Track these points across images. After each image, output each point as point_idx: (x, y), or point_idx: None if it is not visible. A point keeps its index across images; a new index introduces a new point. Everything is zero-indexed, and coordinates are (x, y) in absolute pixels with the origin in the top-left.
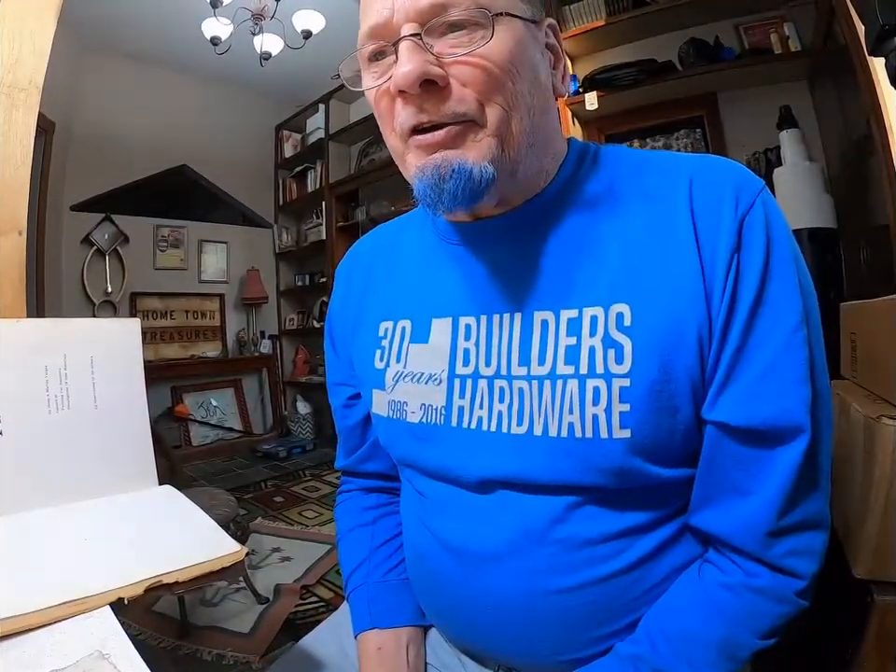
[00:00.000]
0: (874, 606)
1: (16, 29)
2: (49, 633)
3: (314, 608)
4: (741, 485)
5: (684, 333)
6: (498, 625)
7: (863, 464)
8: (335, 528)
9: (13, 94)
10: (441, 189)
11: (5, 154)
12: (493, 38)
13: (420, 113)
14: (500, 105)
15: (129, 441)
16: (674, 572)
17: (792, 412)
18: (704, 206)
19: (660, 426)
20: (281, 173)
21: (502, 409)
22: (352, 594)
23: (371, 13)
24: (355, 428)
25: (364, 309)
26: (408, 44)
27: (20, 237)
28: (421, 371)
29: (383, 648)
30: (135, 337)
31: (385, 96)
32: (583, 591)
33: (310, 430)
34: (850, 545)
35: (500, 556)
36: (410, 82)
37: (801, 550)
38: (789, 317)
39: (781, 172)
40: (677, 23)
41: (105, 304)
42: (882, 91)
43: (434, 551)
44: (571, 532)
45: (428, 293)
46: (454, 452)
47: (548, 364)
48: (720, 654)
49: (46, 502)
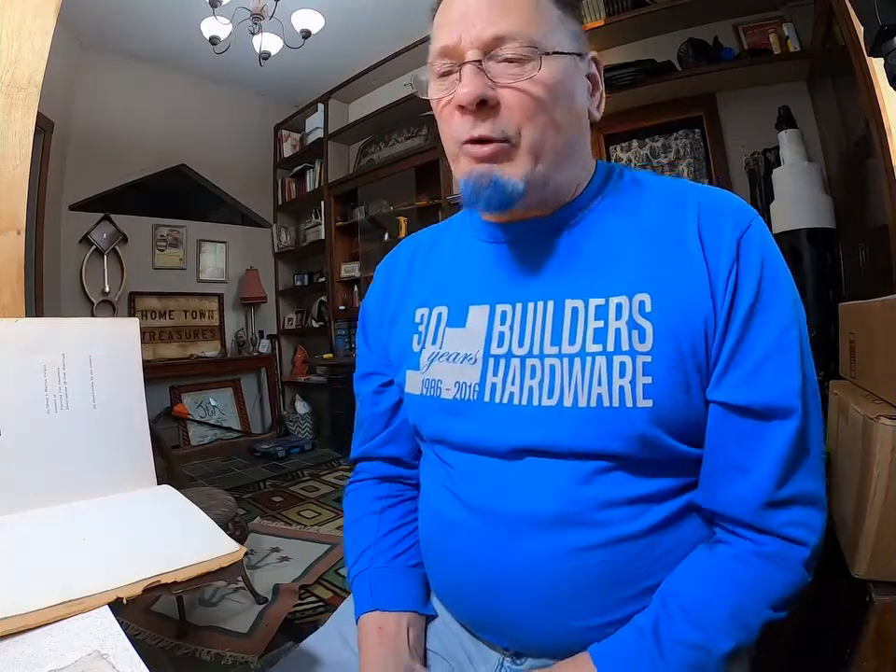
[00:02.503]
0: (872, 605)
1: (15, 28)
2: (47, 633)
3: (312, 607)
4: (741, 462)
5: (694, 322)
6: (519, 587)
7: (862, 464)
8: (343, 519)
9: (12, 93)
10: (479, 194)
11: (3, 153)
12: (539, 71)
13: (473, 128)
14: (535, 129)
15: (127, 441)
16: (685, 543)
17: (785, 394)
18: (709, 226)
19: (677, 399)
20: (280, 172)
21: (533, 384)
22: (355, 578)
23: (443, 36)
24: (382, 415)
25: (403, 300)
26: (471, 68)
27: (18, 236)
28: (457, 352)
29: (383, 628)
30: (134, 337)
31: (448, 106)
32: (603, 550)
33: (309, 430)
34: (849, 545)
35: (527, 516)
36: (468, 101)
37: (801, 522)
38: (781, 317)
39: (780, 172)
40: (676, 24)
41: (103, 304)
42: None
43: (460, 515)
44: (594, 494)
45: (466, 283)
46: (486, 425)
47: (578, 343)
48: (733, 622)
49: (44, 502)
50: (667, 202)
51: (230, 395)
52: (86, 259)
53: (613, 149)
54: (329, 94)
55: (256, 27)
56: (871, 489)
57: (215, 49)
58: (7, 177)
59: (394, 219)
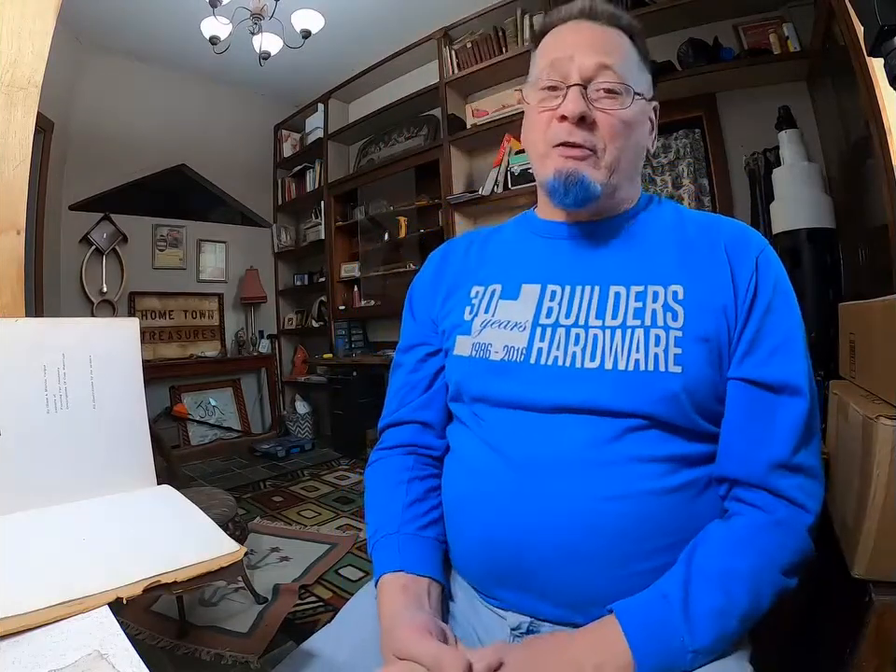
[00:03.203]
0: (872, 605)
1: (15, 28)
2: (47, 633)
3: (312, 607)
4: (756, 428)
5: (718, 312)
6: (548, 530)
7: (862, 464)
8: (365, 487)
9: (12, 93)
10: (566, 188)
11: (3, 153)
12: (629, 106)
13: (569, 135)
14: (616, 148)
15: (127, 441)
16: (706, 508)
17: (795, 375)
18: (733, 244)
19: (702, 370)
20: (280, 172)
21: (577, 350)
22: (381, 540)
23: (555, 51)
24: (422, 380)
25: (459, 279)
26: (577, 90)
27: (18, 236)
28: (508, 320)
29: (408, 586)
30: (134, 336)
31: (546, 113)
32: (630, 500)
33: (309, 430)
34: (849, 545)
35: (563, 464)
36: (574, 115)
37: (807, 488)
38: (792, 317)
39: (780, 172)
40: (676, 23)
41: (103, 304)
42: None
43: (495, 464)
44: (626, 449)
45: (521, 266)
46: (530, 383)
47: (620, 318)
48: (750, 587)
49: (44, 502)
50: (700, 222)
51: (230, 395)
52: (86, 259)
53: None
54: (329, 94)
55: (256, 27)
56: (871, 489)
57: (215, 49)
58: (6, 177)
59: (394, 219)
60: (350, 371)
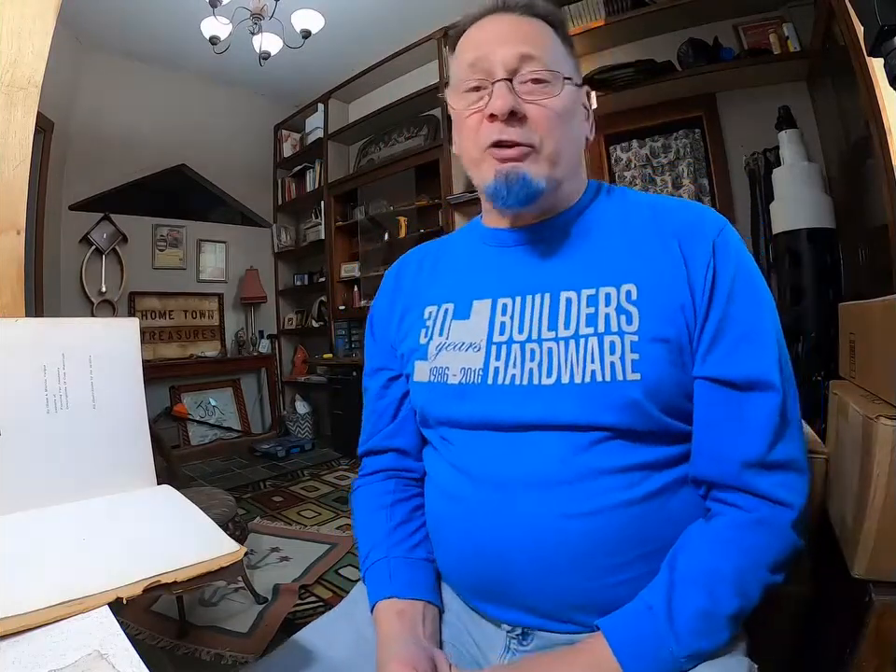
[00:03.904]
0: (872, 605)
1: (15, 28)
2: (47, 633)
3: (312, 607)
4: (726, 429)
5: (675, 309)
6: (519, 550)
7: (862, 464)
8: (351, 514)
9: (12, 93)
10: (510, 189)
11: (3, 153)
12: (561, 93)
13: (501, 133)
14: (554, 140)
15: (127, 441)
16: (686, 509)
17: (765, 368)
18: (686, 232)
19: (662, 373)
20: (280, 172)
21: (533, 366)
22: (372, 566)
23: (473, 51)
24: (388, 407)
25: (413, 300)
26: (503, 84)
27: (18, 236)
28: (462, 341)
29: (403, 611)
30: (134, 336)
31: (475, 115)
32: (601, 516)
33: (308, 430)
34: (849, 544)
35: (530, 483)
36: (502, 111)
37: (786, 484)
38: (758, 302)
39: (780, 172)
40: (676, 23)
41: (103, 304)
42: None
43: (465, 487)
44: (593, 462)
45: (471, 281)
46: (490, 404)
47: (572, 327)
48: (734, 586)
49: (44, 502)
50: (649, 211)
51: (230, 395)
52: (86, 259)
53: (613, 149)
54: (329, 94)
55: (256, 27)
56: (871, 489)
57: (215, 49)
58: (6, 177)
59: (394, 219)
60: (350, 371)
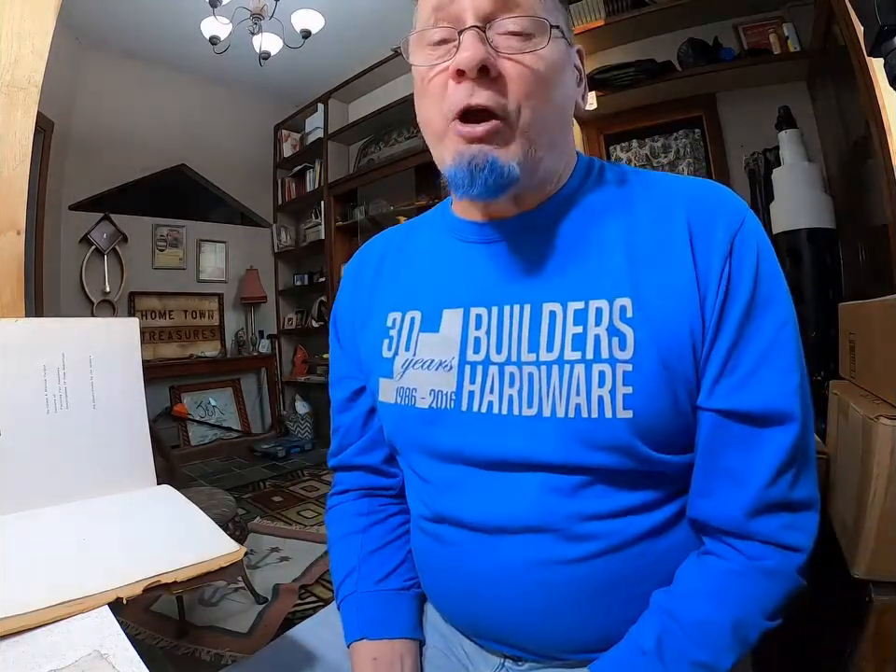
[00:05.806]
0: (872, 605)
1: (15, 28)
2: (47, 633)
3: (312, 607)
4: (736, 470)
5: (678, 328)
6: (501, 597)
7: (862, 464)
8: (326, 535)
9: (12, 93)
10: (475, 178)
11: (3, 153)
12: (546, 46)
13: (471, 96)
14: (532, 108)
15: (127, 441)
16: (675, 550)
17: (784, 398)
18: (700, 224)
19: (660, 409)
20: (280, 172)
21: (512, 393)
22: (342, 602)
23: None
24: (355, 421)
25: (373, 302)
26: (473, 33)
27: (18, 236)
28: (431, 359)
29: (378, 658)
30: (134, 336)
31: (440, 75)
32: (590, 562)
33: (308, 430)
34: (849, 545)
35: (512, 529)
36: (471, 66)
37: (798, 525)
38: (778, 313)
39: (780, 172)
40: (676, 23)
41: (103, 304)
42: (881, 92)
43: (440, 528)
44: (579, 508)
45: (440, 286)
46: (464, 434)
47: (556, 350)
48: (734, 638)
49: (44, 502)
50: (654, 199)
51: (230, 395)
52: (86, 258)
53: (613, 149)
54: (329, 94)
55: (256, 27)
56: (871, 489)
57: (215, 49)
58: (6, 177)
59: (394, 219)
60: None
